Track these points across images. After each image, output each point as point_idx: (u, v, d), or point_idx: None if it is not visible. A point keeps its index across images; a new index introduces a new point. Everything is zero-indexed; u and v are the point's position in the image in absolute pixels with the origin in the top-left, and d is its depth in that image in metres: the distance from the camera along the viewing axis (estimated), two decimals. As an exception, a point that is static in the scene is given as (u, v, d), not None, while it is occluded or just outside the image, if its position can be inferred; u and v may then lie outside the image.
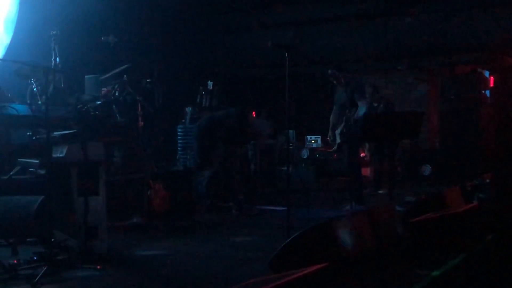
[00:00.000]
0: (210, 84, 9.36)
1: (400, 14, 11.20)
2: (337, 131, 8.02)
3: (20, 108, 6.25)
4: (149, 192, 7.05)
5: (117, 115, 7.24)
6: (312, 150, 11.67)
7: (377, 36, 11.39)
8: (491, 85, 12.23)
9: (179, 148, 9.28)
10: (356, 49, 11.54)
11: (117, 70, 7.54)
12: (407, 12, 10.91)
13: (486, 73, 12.20)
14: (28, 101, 6.62)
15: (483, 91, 12.05)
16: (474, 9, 10.57)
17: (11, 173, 6.13)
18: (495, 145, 11.76)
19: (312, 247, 4.10)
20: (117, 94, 7.39)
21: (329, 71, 8.10)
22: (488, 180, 7.28)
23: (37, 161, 5.42)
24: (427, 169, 11.00)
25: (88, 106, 6.10)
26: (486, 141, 11.77)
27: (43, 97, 6.21)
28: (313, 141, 11.93)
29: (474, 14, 10.61)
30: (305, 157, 11.46)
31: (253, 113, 9.27)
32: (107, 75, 7.65)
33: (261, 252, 5.41)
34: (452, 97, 11.91)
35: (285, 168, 9.71)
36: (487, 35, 10.63)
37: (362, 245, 4.37)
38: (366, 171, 10.84)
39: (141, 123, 7.42)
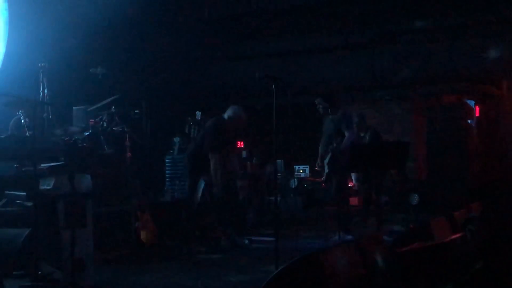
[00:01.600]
0: (198, 114, 9.40)
1: (386, 45, 11.36)
2: (325, 161, 8.06)
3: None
4: (136, 224, 7.02)
5: (105, 146, 7.25)
6: (300, 179, 11.69)
7: (364, 66, 11.51)
8: (477, 114, 12.39)
9: (167, 179, 9.27)
10: (343, 79, 11.64)
11: (105, 101, 7.57)
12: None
13: (472, 103, 12.35)
14: (10, 132, 6.61)
15: (469, 121, 12.19)
16: (458, 40, 10.74)
17: (-3, 205, 6.08)
18: (481, 174, 11.86)
19: (300, 278, 4.09)
20: (105, 125, 7.41)
21: (316, 100, 8.17)
22: (475, 209, 7.32)
23: (24, 193, 5.38)
24: (414, 199, 11.03)
25: (76, 137, 6.11)
26: (473, 170, 11.86)
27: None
28: (301, 171, 11.96)
29: (457, 45, 10.78)
30: (293, 186, 11.46)
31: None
32: (95, 106, 7.68)
33: (249, 285, 5.40)
34: (438, 126, 12.04)
35: (274, 198, 9.74)
36: (471, 66, 10.78)
37: (350, 275, 4.37)
38: (355, 201, 10.87)
39: (129, 154, 7.43)
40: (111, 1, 9.11)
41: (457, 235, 5.79)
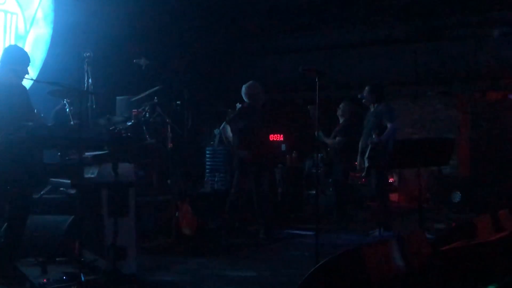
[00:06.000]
0: (238, 106, 9.41)
1: (429, 40, 11.19)
2: (365, 156, 7.96)
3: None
4: (177, 214, 7.07)
5: (147, 136, 7.31)
6: (339, 174, 11.57)
7: (407, 61, 11.37)
8: (522, 111, 12.10)
9: (207, 170, 9.31)
10: (386, 74, 11.52)
11: (147, 92, 7.62)
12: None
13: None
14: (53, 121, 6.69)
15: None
16: (502, 35, 10.52)
17: (42, 192, 6.20)
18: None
19: (341, 274, 4.06)
20: (147, 115, 7.46)
21: (361, 94, 8.05)
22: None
23: (68, 181, 5.47)
24: (457, 196, 10.85)
25: (120, 127, 6.16)
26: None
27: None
28: (340, 165, 11.82)
29: (501, 40, 10.57)
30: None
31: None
32: (138, 97, 7.74)
33: (288, 278, 5.38)
34: (483, 123, 11.80)
35: (313, 192, 9.68)
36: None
37: (390, 272, 4.32)
38: (395, 197, 10.75)
39: (170, 145, 7.48)
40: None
41: (502, 234, 5.67)
